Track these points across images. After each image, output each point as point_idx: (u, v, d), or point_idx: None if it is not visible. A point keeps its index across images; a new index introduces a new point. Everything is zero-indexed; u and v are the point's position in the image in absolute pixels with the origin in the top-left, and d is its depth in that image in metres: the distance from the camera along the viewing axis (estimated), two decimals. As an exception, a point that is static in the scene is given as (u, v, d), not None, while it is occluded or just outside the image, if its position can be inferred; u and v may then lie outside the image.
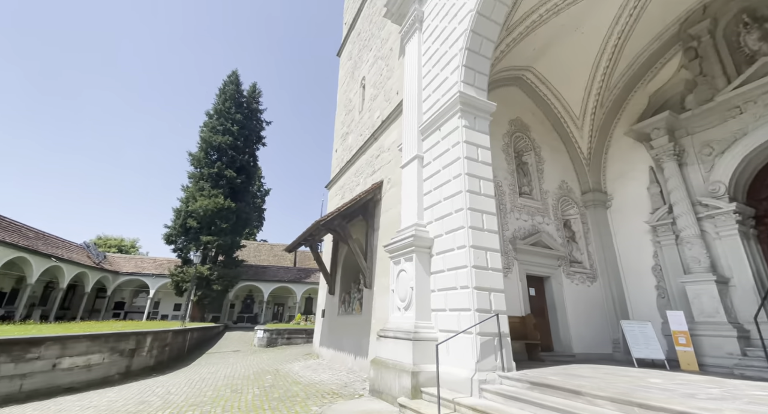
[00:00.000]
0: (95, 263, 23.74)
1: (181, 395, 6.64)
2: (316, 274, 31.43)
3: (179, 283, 24.36)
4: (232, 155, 27.39)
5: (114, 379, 8.46)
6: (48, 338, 7.08)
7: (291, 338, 16.92)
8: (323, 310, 12.24)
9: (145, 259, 28.53)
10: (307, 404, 5.59)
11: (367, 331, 8.59)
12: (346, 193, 12.55)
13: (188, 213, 24.78)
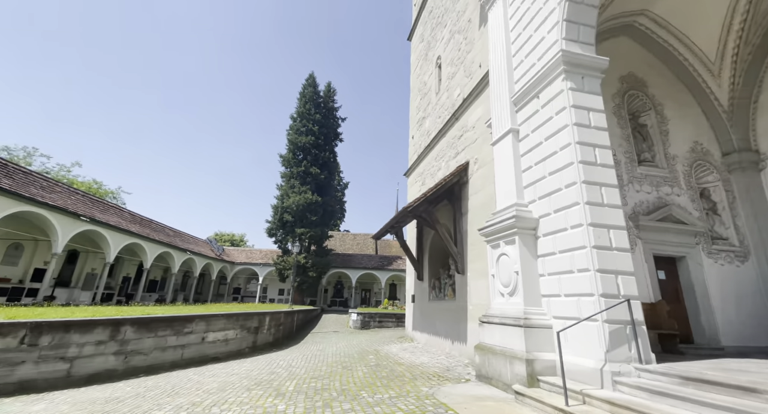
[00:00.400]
0: (217, 255, 28.20)
1: (301, 368, 7.44)
2: (397, 261, 32.21)
3: (281, 270, 27.47)
4: (315, 153, 29.42)
5: (245, 352, 9.94)
6: (197, 316, 8.60)
7: (382, 322, 17.70)
8: (413, 296, 12.44)
9: (253, 251, 32.86)
10: (415, 384, 5.73)
11: (463, 316, 8.44)
12: (426, 178, 12.40)
13: (284, 209, 27.58)
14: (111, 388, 6.22)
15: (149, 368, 7.51)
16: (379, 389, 5.42)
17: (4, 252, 14.57)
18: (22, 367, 6.05)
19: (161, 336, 7.82)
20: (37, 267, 15.88)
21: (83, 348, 6.69)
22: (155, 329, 7.74)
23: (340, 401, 4.78)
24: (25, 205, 12.00)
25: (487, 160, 8.21)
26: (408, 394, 5.11)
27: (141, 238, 18.23)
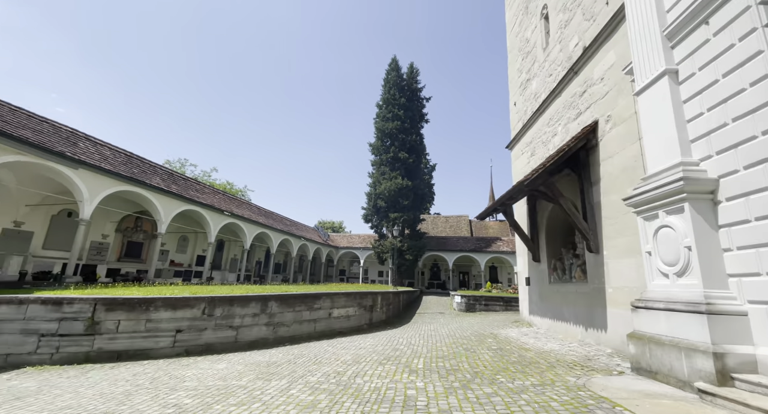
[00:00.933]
0: (324, 241, 31.17)
1: (422, 347, 7.57)
2: (496, 243, 30.54)
3: (379, 253, 28.85)
4: (402, 138, 29.52)
5: (364, 328, 10.68)
6: (323, 294, 9.52)
7: (488, 305, 17.04)
8: (527, 279, 11.51)
9: (353, 236, 35.33)
10: (556, 373, 5.21)
11: (599, 301, 7.38)
12: (536, 148, 11.10)
13: (377, 195, 28.67)
14: (267, 353, 7.33)
15: (291, 338, 8.64)
16: (516, 375, 5.09)
17: (176, 243, 18.65)
18: (205, 333, 7.58)
19: (298, 311, 8.90)
20: (199, 254, 19.93)
21: (244, 319, 8.04)
22: (293, 304, 8.84)
23: (477, 384, 4.62)
24: (188, 205, 14.98)
25: (624, 116, 6.81)
26: (553, 383, 4.66)
27: (267, 228, 21.19)
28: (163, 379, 5.32)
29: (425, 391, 4.35)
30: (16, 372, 6.02)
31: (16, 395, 4.63)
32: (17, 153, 9.01)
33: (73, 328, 6.75)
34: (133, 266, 15.83)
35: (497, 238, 31.96)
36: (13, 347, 6.48)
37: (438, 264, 34.00)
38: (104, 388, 4.91)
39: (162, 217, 13.78)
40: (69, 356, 6.60)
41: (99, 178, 11.24)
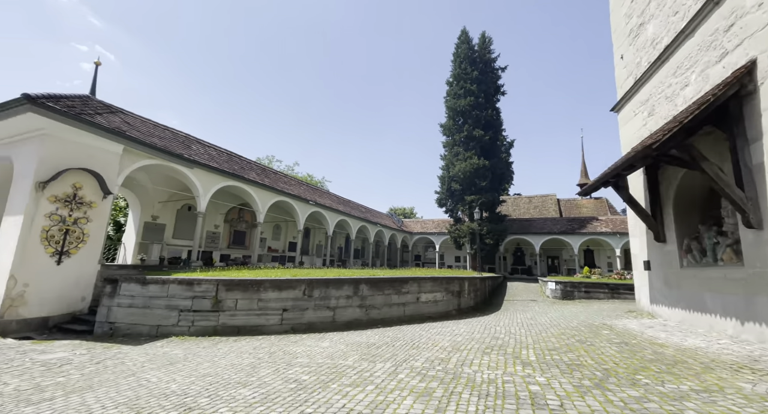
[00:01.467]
0: (398, 227, 31.49)
1: (525, 336, 6.94)
2: (592, 224, 27.17)
3: (456, 238, 27.99)
4: (477, 114, 27.70)
5: (453, 314, 10.36)
6: (410, 278, 9.42)
7: (590, 292, 15.21)
8: (646, 262, 9.78)
9: (427, 221, 34.99)
10: (718, 376, 4.19)
11: (763, 288, 5.80)
12: (656, 105, 9.15)
13: (450, 178, 27.64)
14: (363, 334, 7.51)
15: (382, 321, 8.77)
16: (662, 376, 4.23)
17: (272, 231, 20.64)
18: (307, 313, 8.10)
19: (387, 294, 8.97)
20: (290, 241, 21.80)
21: (339, 300, 8.38)
22: (382, 288, 8.93)
23: (615, 384, 3.93)
24: (279, 196, 16.31)
25: (813, 43, 5.02)
26: (721, 389, 3.72)
27: (346, 215, 22.12)
28: (278, 355, 5.76)
29: (551, 388, 3.85)
30: (166, 340, 7.18)
31: (170, 361, 5.45)
32: (149, 157, 10.72)
33: (202, 305, 7.80)
34: (239, 252, 18.02)
35: (593, 218, 28.32)
36: (162, 320, 7.76)
37: (522, 248, 31.71)
38: (233, 359, 5.49)
39: (260, 207, 15.25)
40: (201, 329, 7.66)
41: (209, 176, 12.82)
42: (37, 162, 8.25)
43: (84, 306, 9.00)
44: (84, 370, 4.94)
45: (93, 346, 6.58)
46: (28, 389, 4.13)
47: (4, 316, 7.55)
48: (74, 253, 8.85)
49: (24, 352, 6.04)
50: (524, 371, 4.53)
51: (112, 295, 8.05)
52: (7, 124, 8.39)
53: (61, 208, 8.64)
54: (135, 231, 13.74)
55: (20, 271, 7.87)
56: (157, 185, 13.62)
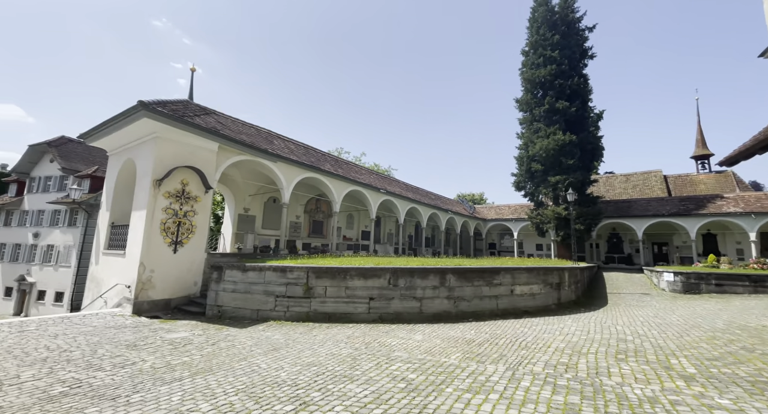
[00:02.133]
0: (470, 213, 30.00)
1: (660, 339, 5.68)
2: (714, 203, 22.44)
3: (538, 224, 25.55)
4: (559, 84, 24.52)
5: (552, 308, 9.22)
6: (502, 269, 8.55)
7: (722, 284, 12.43)
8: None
9: (502, 207, 32.70)
10: None
11: None
12: None
13: (530, 158, 25.14)
14: (456, 328, 6.97)
15: (473, 314, 8.11)
16: None
17: (345, 220, 21.20)
18: (393, 302, 7.85)
19: (476, 285, 8.27)
20: (363, 230, 22.18)
21: (425, 291, 7.95)
22: (471, 279, 8.25)
23: None
24: (352, 185, 16.49)
25: None
26: None
27: (417, 203, 21.64)
28: (374, 346, 5.54)
29: (754, 420, 2.85)
30: (266, 325, 7.58)
31: (273, 346, 5.61)
32: (239, 153, 11.52)
33: (295, 292, 8.06)
34: (318, 241, 18.88)
35: (715, 196, 23.28)
36: (261, 304, 8.23)
37: (618, 234, 27.72)
38: (331, 348, 5.42)
39: (335, 197, 15.60)
40: (295, 315, 7.94)
41: (290, 168, 13.41)
42: (153, 162, 9.30)
43: (196, 290, 10.07)
44: (203, 351, 5.31)
45: (207, 328, 7.21)
46: (161, 367, 4.50)
47: (138, 298, 8.76)
48: (186, 242, 9.90)
49: (155, 331, 6.85)
50: (691, 389, 3.53)
51: (218, 280, 8.81)
52: (129, 130, 9.60)
53: (174, 202, 9.68)
54: (231, 222, 15.14)
55: (147, 258, 9.03)
56: (246, 180, 14.73)
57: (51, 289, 22.50)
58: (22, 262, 24.54)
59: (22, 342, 5.75)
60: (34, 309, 22.64)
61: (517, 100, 26.96)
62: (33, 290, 23.16)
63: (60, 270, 22.34)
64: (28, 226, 25.09)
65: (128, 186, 10.71)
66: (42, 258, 23.80)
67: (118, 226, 10.63)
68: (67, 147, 26.45)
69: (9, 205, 26.39)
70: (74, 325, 7.07)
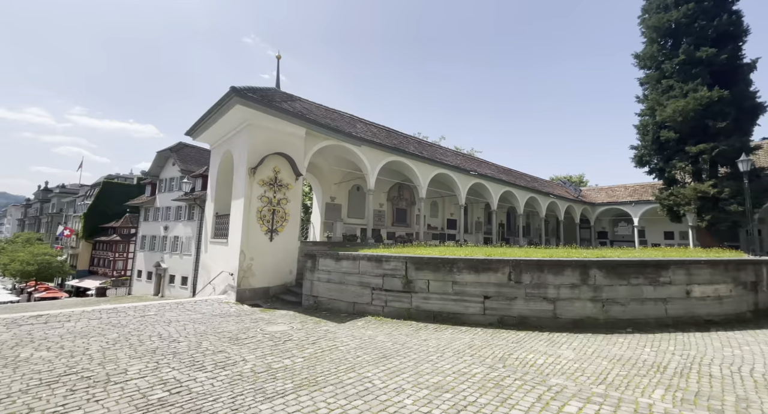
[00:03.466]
0: (575, 197, 25.81)
1: None
2: None
3: (672, 207, 20.48)
4: (700, 27, 18.97)
5: (747, 318, 6.51)
6: (672, 262, 6.23)
7: None
8: None
9: (616, 189, 27.39)
10: None
11: None
12: None
13: (658, 124, 20.15)
14: (613, 341, 5.09)
15: (630, 322, 6.02)
16: None
17: (429, 208, 19.87)
18: (516, 303, 6.25)
19: (634, 284, 6.13)
20: (447, 218, 20.59)
21: (560, 290, 6.15)
22: (625, 275, 6.15)
23: None
24: (439, 168, 15.04)
25: None
26: None
27: (512, 185, 19.11)
28: (513, 364, 4.13)
29: None
30: (364, 320, 6.74)
31: (381, 352, 4.62)
32: (325, 138, 11.07)
33: (393, 285, 7.06)
34: (402, 230, 18.00)
35: None
36: (356, 297, 7.46)
37: (792, 217, 20.75)
38: (456, 363, 4.18)
39: (421, 181, 14.37)
40: (395, 311, 6.94)
41: (374, 152, 12.61)
42: (247, 150, 9.25)
43: (291, 279, 9.91)
44: (304, 352, 4.59)
45: (304, 320, 6.67)
46: (262, 372, 3.83)
47: (240, 285, 8.83)
48: (280, 230, 9.75)
49: (255, 321, 6.54)
50: None
51: (312, 269, 8.36)
52: (225, 121, 9.73)
53: (268, 190, 9.56)
54: (319, 211, 15.12)
55: (247, 246, 9.05)
56: (332, 166, 14.45)
57: (178, 274, 26.31)
58: (157, 251, 29.30)
59: (141, 328, 5.85)
60: (167, 290, 26.82)
61: (638, 55, 21.87)
62: (166, 275, 27.43)
63: (184, 258, 25.91)
64: (160, 221, 29.79)
65: (228, 177, 11.07)
66: (171, 247, 28.00)
67: (222, 215, 11.10)
68: (184, 151, 30.52)
69: (146, 204, 31.75)
70: (186, 312, 7.23)
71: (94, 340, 5.05)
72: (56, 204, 54.72)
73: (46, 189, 59.89)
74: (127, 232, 36.95)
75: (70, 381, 3.56)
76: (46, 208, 57.67)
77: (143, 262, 30.55)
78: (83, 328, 5.74)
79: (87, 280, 37.13)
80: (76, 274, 39.79)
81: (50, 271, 35.93)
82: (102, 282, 34.01)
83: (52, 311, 6.71)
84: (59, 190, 55.81)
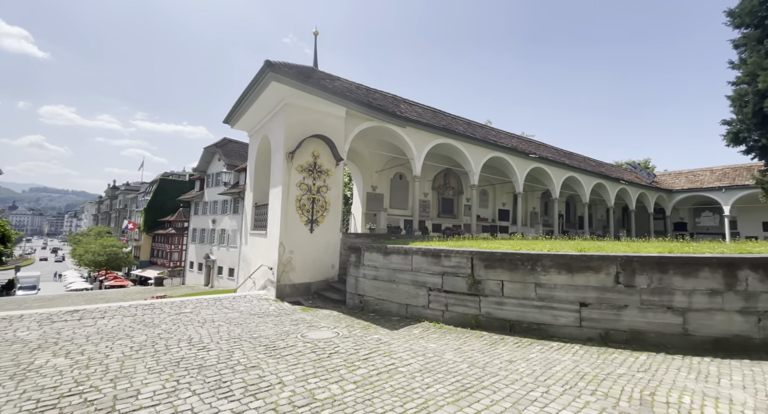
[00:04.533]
0: (647, 183, 22.52)
1: None
2: None
3: (782, 193, 16.89)
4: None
5: None
6: None
7: None
8: None
9: (698, 173, 23.45)
10: None
11: None
12: None
13: (761, 94, 16.60)
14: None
15: (803, 345, 4.25)
16: None
17: (478, 197, 18.13)
18: (625, 313, 4.72)
19: (809, 293, 4.33)
20: (499, 208, 18.74)
21: (692, 297, 4.52)
22: (795, 280, 4.36)
23: None
24: (493, 151, 13.41)
25: None
26: None
27: (576, 170, 16.82)
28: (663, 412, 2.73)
29: None
30: (421, 328, 5.60)
31: (460, 382, 3.43)
32: (367, 119, 10.00)
33: (455, 285, 5.82)
34: (448, 221, 16.57)
35: None
36: (409, 298, 6.33)
37: None
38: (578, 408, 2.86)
39: (472, 166, 12.84)
40: (458, 317, 5.71)
41: (420, 134, 11.34)
42: (284, 133, 8.43)
43: (334, 274, 9.03)
44: (355, 373, 3.54)
45: (351, 324, 5.68)
46: (302, 407, 2.80)
47: (280, 281, 8.09)
48: (321, 221, 8.88)
49: (296, 323, 5.66)
50: None
51: (357, 264, 7.36)
52: (262, 102, 8.99)
53: (307, 177, 8.70)
54: (360, 201, 14.18)
55: (286, 238, 8.28)
56: (374, 150, 13.39)
57: (225, 266, 27.07)
58: (207, 243, 30.47)
59: (172, 329, 5.19)
60: (216, 281, 27.77)
61: (732, 12, 18.17)
62: (215, 266, 28.41)
63: (230, 250, 26.56)
64: (208, 214, 30.90)
65: (266, 166, 10.41)
66: (218, 240, 28.91)
67: (260, 206, 10.50)
68: (228, 147, 31.28)
69: (195, 198, 33.13)
70: (223, 310, 6.56)
71: (118, 344, 4.42)
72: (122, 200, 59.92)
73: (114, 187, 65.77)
74: (181, 225, 39.07)
75: (69, 405, 2.81)
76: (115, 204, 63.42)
77: (194, 254, 32.01)
78: (113, 328, 5.20)
79: (148, 270, 39.99)
80: (138, 264, 43.09)
81: (117, 262, 39.10)
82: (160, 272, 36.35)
83: (89, 306, 6.34)
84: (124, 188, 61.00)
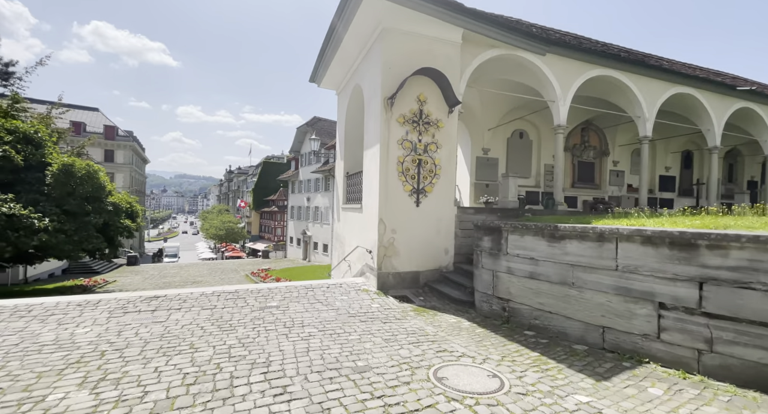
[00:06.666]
0: None
1: None
2: None
3: None
4: None
5: None
6: None
7: None
8: None
9: None
10: None
11: None
12: None
13: None
14: None
15: None
16: None
17: (629, 161, 13.44)
18: None
19: None
20: (661, 174, 13.72)
21: None
22: None
23: None
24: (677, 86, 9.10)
25: None
26: None
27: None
28: None
29: None
30: (652, 378, 2.87)
31: None
32: (492, 46, 7.11)
33: (737, 304, 2.86)
34: (587, 193, 12.56)
35: None
36: (613, 318, 3.59)
37: None
38: None
39: (644, 110, 8.79)
40: (745, 367, 2.78)
41: (566, 64, 7.94)
42: (381, 72, 6.20)
43: (448, 261, 6.73)
44: None
45: (507, 354, 3.29)
46: None
47: (381, 268, 6.15)
48: (429, 190, 6.57)
49: (416, 340, 3.52)
50: None
51: (494, 252, 4.86)
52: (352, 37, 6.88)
53: (411, 131, 6.40)
54: (468, 169, 11.40)
55: (386, 213, 6.24)
56: (489, 101, 10.32)
57: (320, 242, 27.56)
58: (303, 220, 31.65)
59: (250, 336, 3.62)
60: (312, 256, 28.66)
61: None
62: (311, 241, 29.31)
63: (324, 226, 26.78)
64: (303, 193, 31.88)
65: (358, 126, 8.46)
66: (313, 217, 29.60)
67: (352, 175, 8.71)
68: (319, 125, 31.27)
69: (291, 177, 34.59)
70: (315, 305, 4.86)
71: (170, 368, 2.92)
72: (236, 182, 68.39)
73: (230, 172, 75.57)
74: (282, 203, 42.00)
75: None
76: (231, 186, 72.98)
77: (293, 230, 33.79)
78: (183, 328, 3.92)
79: (258, 243, 44.62)
80: (250, 238, 48.55)
81: (234, 235, 44.53)
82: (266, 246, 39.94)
83: (170, 292, 5.34)
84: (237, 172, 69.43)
